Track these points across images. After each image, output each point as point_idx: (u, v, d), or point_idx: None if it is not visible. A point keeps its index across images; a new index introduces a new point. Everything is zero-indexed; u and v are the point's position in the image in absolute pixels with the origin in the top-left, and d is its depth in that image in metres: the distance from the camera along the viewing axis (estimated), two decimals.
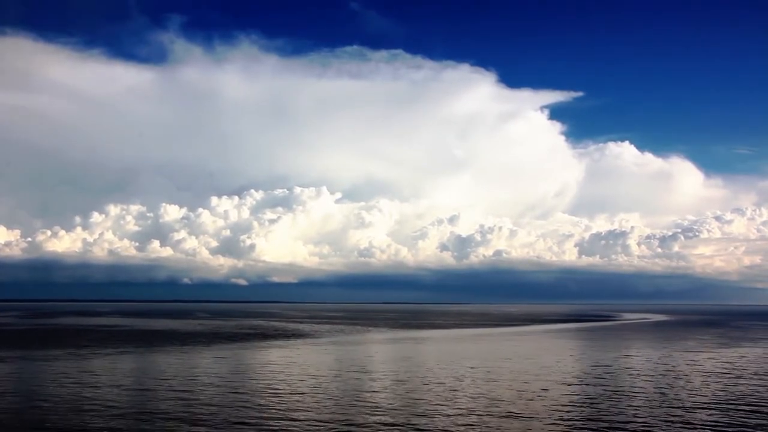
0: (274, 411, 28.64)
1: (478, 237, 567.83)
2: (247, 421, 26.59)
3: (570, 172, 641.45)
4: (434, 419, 27.09)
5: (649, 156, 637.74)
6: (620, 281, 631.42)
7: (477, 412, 28.49)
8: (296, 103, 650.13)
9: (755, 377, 41.08)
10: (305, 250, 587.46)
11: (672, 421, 26.79)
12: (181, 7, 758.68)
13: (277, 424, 26.07)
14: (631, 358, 53.26)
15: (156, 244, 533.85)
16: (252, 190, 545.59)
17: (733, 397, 32.77)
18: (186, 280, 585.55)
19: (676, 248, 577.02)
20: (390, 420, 26.86)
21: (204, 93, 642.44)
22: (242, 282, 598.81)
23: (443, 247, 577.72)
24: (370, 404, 30.44)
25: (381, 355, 58.16)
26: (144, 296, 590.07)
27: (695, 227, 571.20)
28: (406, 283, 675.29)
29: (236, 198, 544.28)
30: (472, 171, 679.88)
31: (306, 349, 61.51)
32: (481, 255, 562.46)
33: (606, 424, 26.16)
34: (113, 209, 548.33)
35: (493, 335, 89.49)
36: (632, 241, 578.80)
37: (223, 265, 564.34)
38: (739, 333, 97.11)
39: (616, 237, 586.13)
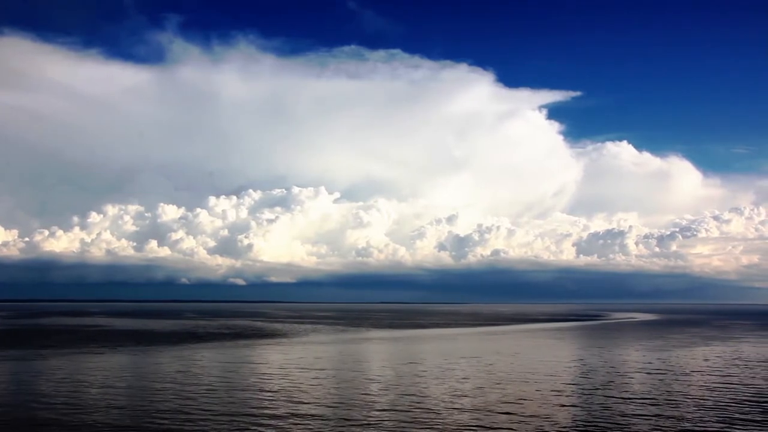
0: (195, 406, 29.22)
1: (476, 237, 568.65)
2: (162, 415, 27.20)
3: (568, 171, 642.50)
4: (347, 412, 27.65)
5: (647, 155, 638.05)
6: (618, 281, 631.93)
7: (397, 408, 29.06)
8: (294, 102, 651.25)
9: (695, 374, 41.58)
10: (303, 250, 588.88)
11: (579, 418, 27.35)
12: (179, 7, 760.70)
13: (188, 417, 26.66)
14: (585, 358, 53.76)
15: (154, 244, 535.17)
16: (250, 190, 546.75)
17: (658, 394, 33.31)
18: (184, 280, 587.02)
19: (674, 248, 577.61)
20: (300, 412, 27.49)
21: (202, 93, 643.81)
22: (240, 282, 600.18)
23: (441, 247, 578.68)
24: (292, 399, 31.03)
25: (339, 354, 58.64)
26: (142, 296, 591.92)
27: (693, 226, 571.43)
28: (403, 283, 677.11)
29: (234, 198, 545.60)
30: (470, 171, 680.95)
31: (268, 349, 62.13)
32: (479, 255, 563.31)
33: (509, 419, 26.71)
34: (111, 209, 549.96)
35: (469, 334, 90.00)
36: (630, 241, 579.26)
37: (221, 265, 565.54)
38: (715, 332, 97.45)
39: (614, 236, 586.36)
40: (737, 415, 27.77)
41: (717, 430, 25.19)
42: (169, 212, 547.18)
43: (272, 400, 31.38)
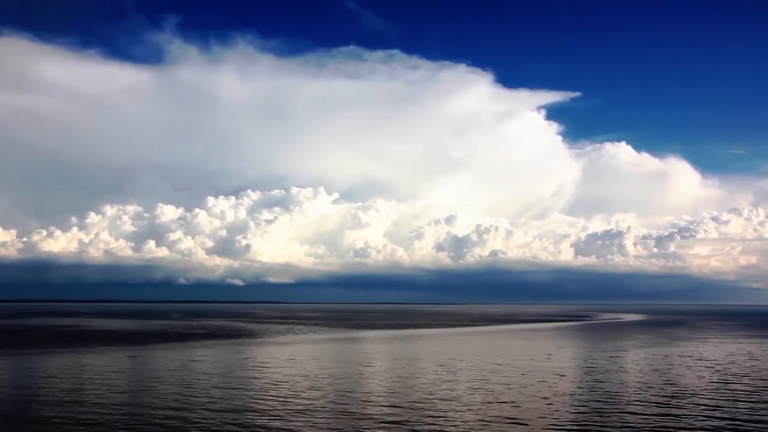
0: (122, 401, 29.73)
1: (474, 237, 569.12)
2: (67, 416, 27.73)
3: (567, 172, 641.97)
4: (260, 411, 28.15)
5: (645, 156, 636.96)
6: (616, 281, 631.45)
7: (313, 408, 29.52)
8: (293, 103, 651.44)
9: (629, 373, 42.00)
10: (301, 251, 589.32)
11: (470, 416, 27.79)
12: (177, 8, 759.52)
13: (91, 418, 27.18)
14: (535, 358, 54.13)
15: (152, 244, 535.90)
16: (249, 191, 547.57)
17: (576, 393, 33.79)
18: (182, 281, 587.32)
19: (672, 248, 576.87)
20: (215, 408, 27.99)
21: (200, 93, 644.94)
22: (238, 282, 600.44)
23: (439, 248, 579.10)
24: (211, 396, 31.51)
25: (294, 354, 58.97)
26: (140, 297, 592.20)
27: (692, 227, 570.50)
28: (401, 284, 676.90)
29: (233, 198, 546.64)
30: (468, 171, 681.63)
31: (226, 349, 62.80)
32: (477, 255, 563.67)
33: (413, 416, 27.18)
34: (109, 209, 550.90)
35: (442, 335, 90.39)
36: (628, 241, 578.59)
37: (219, 265, 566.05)
38: (688, 332, 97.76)
39: (612, 237, 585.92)
40: (638, 411, 28.20)
41: (611, 424, 25.62)
42: (168, 212, 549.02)
43: (186, 400, 31.87)
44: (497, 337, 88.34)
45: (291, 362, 49.71)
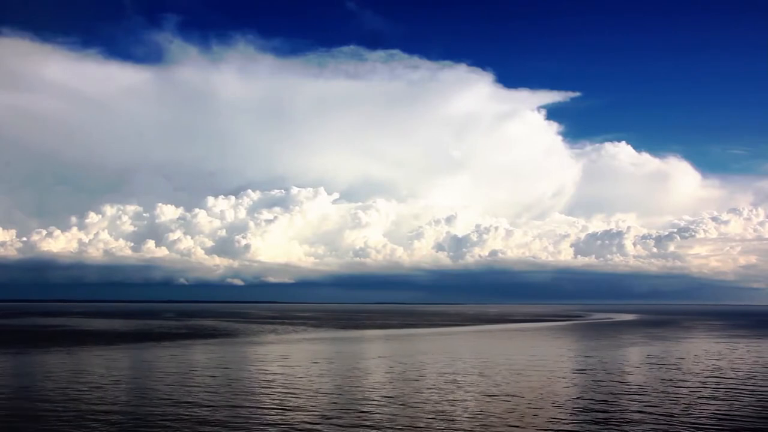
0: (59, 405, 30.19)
1: (474, 237, 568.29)
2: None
3: (567, 172, 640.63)
4: (203, 406, 28.56)
5: (645, 156, 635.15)
6: (616, 281, 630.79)
7: (253, 403, 29.92)
8: (293, 103, 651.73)
9: (586, 373, 42.32)
10: (301, 251, 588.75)
11: (400, 413, 28.17)
12: (178, 7, 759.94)
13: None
14: (501, 358, 54.44)
15: (151, 244, 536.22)
16: (249, 191, 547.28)
17: (529, 391, 34.11)
18: (182, 281, 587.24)
19: (672, 248, 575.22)
20: (163, 402, 28.43)
21: (200, 93, 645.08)
22: (238, 282, 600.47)
23: (439, 248, 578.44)
24: (160, 395, 31.96)
25: (264, 353, 59.43)
26: (140, 297, 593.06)
27: (692, 227, 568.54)
28: (401, 284, 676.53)
29: (233, 198, 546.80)
30: (469, 171, 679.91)
31: (199, 348, 63.40)
32: (476, 255, 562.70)
33: (343, 416, 27.56)
34: (109, 209, 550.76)
35: (423, 335, 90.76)
36: (628, 241, 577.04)
37: (218, 265, 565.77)
38: (672, 332, 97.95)
39: (612, 237, 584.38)
40: (573, 407, 28.54)
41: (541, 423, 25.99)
42: (168, 212, 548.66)
43: (136, 398, 32.29)
44: (481, 336, 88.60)
45: (257, 361, 50.13)
